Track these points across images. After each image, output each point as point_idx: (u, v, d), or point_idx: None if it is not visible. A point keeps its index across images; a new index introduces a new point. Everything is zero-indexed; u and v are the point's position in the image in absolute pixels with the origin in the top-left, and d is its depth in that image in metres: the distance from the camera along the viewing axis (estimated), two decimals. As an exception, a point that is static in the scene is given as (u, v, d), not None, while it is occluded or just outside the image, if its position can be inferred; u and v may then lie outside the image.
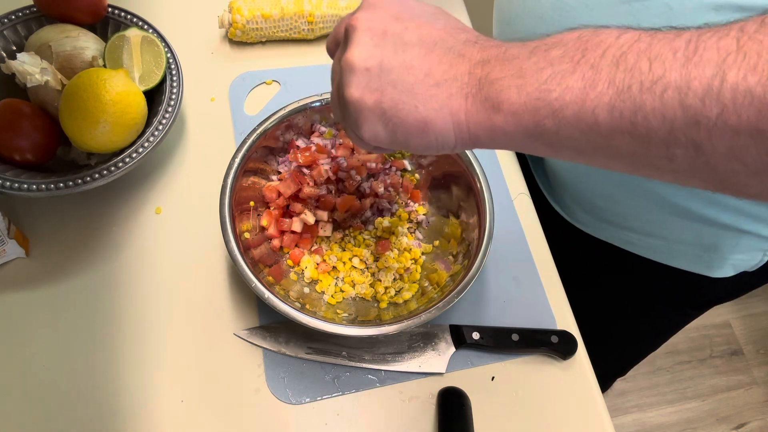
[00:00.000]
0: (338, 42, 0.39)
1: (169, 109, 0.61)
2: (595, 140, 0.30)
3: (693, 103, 0.26)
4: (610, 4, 0.48)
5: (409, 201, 0.64)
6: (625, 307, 0.79)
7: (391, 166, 0.63)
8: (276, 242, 0.60)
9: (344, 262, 0.60)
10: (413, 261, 0.61)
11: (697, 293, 0.71)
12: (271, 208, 0.60)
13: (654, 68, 0.27)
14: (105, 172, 0.56)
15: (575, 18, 0.51)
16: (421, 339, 0.57)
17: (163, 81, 0.63)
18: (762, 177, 0.27)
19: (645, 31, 0.29)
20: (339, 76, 0.36)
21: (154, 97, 0.62)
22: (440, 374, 0.56)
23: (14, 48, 0.62)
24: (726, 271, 0.63)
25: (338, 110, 0.38)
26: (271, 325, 0.57)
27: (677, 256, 0.64)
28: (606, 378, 1.11)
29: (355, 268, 0.60)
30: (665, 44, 0.28)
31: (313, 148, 0.61)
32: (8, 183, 0.54)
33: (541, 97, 0.31)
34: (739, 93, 0.25)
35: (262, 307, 0.58)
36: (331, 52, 0.42)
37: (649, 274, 0.68)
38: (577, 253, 0.74)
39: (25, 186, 0.54)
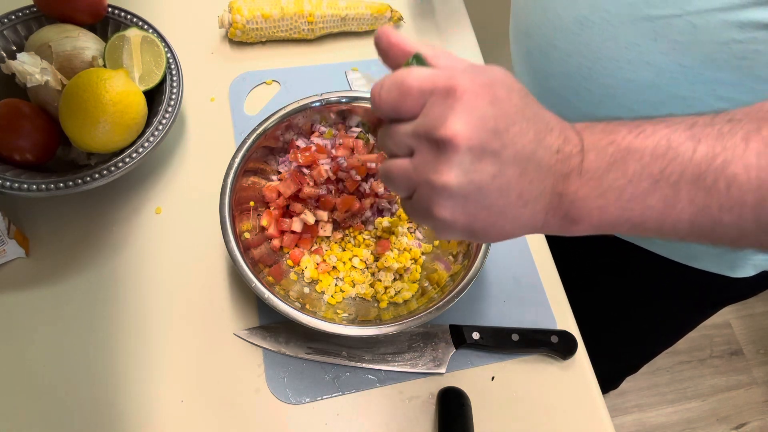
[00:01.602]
0: (403, 110, 0.34)
1: (169, 109, 0.61)
2: (670, 238, 0.34)
3: (766, 219, 0.31)
4: (632, 20, 0.49)
5: (409, 201, 0.64)
6: (634, 307, 0.79)
7: (391, 166, 0.63)
8: (276, 242, 0.60)
9: (344, 262, 0.60)
10: (413, 261, 0.61)
11: (715, 292, 0.71)
12: (271, 208, 0.60)
13: (732, 191, 0.31)
14: (105, 172, 0.56)
15: (595, 33, 0.52)
16: (421, 339, 0.57)
17: (163, 81, 0.63)
18: None
19: (717, 141, 0.31)
20: (426, 190, 0.34)
21: (154, 97, 0.62)
22: (440, 374, 0.56)
23: (14, 48, 0.62)
24: (747, 270, 0.63)
25: (415, 214, 0.37)
26: (271, 325, 0.57)
27: (699, 257, 0.64)
28: (615, 376, 1.10)
29: (355, 268, 0.60)
30: (738, 161, 0.31)
31: (313, 148, 0.61)
32: (8, 183, 0.54)
33: (622, 215, 0.33)
34: None
35: (262, 307, 0.58)
36: (385, 110, 0.35)
37: (668, 272, 0.68)
38: (586, 253, 0.73)
39: (25, 186, 0.54)
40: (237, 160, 0.57)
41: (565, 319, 0.60)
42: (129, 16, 0.65)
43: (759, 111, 0.32)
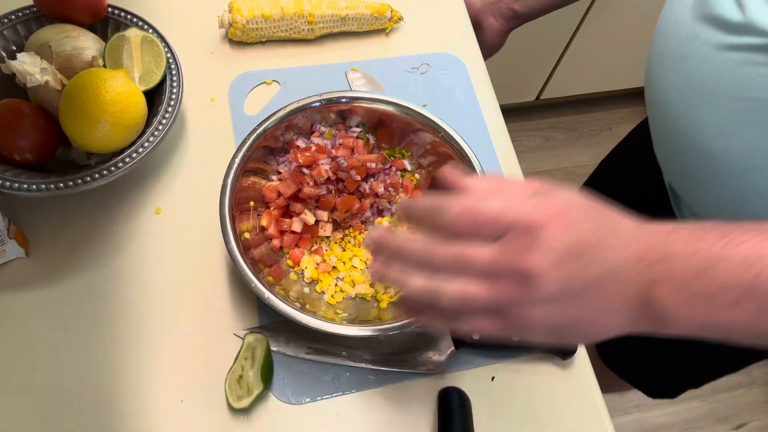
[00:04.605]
0: (489, 234, 0.36)
1: (169, 109, 0.61)
2: (763, 344, 0.35)
3: None
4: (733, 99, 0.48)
5: (409, 201, 0.64)
6: None
7: (391, 166, 0.63)
8: (276, 242, 0.60)
9: (344, 262, 0.60)
10: (413, 261, 0.60)
11: None
12: (271, 208, 0.60)
13: None
14: (105, 172, 0.56)
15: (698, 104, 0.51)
16: (421, 339, 0.57)
17: (163, 81, 0.63)
18: None
19: None
20: (516, 300, 0.35)
21: (154, 97, 0.62)
22: (440, 374, 0.56)
23: (14, 48, 0.62)
24: None
25: (501, 333, 0.37)
26: (271, 325, 0.57)
27: None
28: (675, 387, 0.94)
29: (355, 268, 0.60)
30: None
31: (313, 148, 0.61)
32: (8, 183, 0.54)
33: (710, 322, 0.34)
34: None
35: (262, 307, 0.58)
36: (459, 233, 0.37)
37: None
38: None
39: (25, 186, 0.54)
40: (237, 160, 0.57)
41: (565, 319, 0.60)
42: (129, 16, 0.65)
43: None
